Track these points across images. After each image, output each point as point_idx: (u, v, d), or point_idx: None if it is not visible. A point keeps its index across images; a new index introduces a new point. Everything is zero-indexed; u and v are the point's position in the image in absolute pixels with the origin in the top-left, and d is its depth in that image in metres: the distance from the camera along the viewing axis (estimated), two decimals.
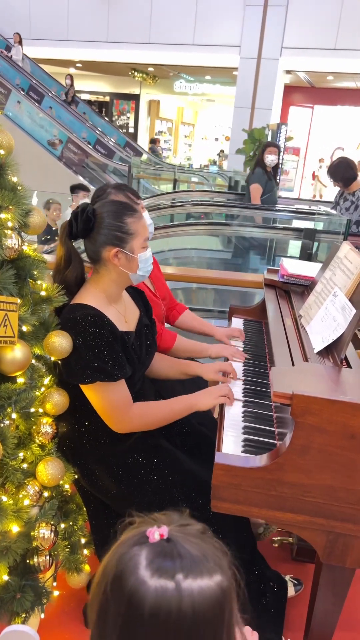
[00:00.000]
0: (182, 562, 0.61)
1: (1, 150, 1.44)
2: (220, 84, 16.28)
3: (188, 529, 0.67)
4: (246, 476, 1.26)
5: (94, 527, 1.66)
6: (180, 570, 0.60)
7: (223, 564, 0.64)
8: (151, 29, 12.34)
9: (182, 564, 0.61)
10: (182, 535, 0.65)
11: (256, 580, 1.63)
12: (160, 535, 0.64)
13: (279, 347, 1.65)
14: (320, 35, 10.66)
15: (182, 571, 0.60)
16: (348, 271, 1.64)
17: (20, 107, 10.79)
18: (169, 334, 1.98)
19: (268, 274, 2.31)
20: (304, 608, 1.54)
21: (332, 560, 1.31)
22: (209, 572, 0.62)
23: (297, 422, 1.22)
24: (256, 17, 10.88)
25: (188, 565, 0.61)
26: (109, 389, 1.51)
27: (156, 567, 0.61)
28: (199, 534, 0.67)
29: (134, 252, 1.54)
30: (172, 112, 19.68)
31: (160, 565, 0.61)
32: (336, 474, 1.23)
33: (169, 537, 0.64)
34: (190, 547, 0.63)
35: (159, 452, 1.60)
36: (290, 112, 14.02)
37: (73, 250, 1.61)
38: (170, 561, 0.61)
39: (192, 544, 0.64)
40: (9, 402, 1.40)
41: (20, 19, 13.46)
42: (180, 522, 0.68)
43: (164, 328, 2.00)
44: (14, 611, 1.43)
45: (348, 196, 4.37)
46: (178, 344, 1.98)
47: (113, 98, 18.80)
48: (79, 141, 10.73)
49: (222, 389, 1.64)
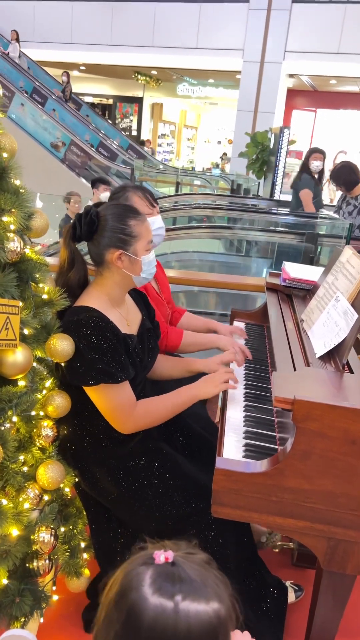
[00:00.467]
0: (183, 586, 0.66)
1: (4, 153, 1.44)
2: (223, 87, 16.31)
3: (193, 557, 0.72)
4: (247, 481, 1.26)
5: (93, 531, 1.66)
6: (180, 592, 0.65)
7: (222, 594, 0.69)
8: (155, 32, 12.38)
9: (182, 587, 0.66)
10: (187, 561, 0.70)
11: (256, 586, 1.62)
12: (166, 558, 0.69)
13: (281, 352, 1.65)
14: (324, 39, 10.67)
15: (181, 593, 0.65)
16: (350, 276, 1.63)
17: (24, 110, 10.83)
18: (175, 332, 1.97)
19: (270, 278, 2.31)
20: (305, 614, 1.53)
21: (333, 567, 1.30)
22: (207, 598, 0.66)
23: (299, 428, 1.21)
24: (259, 20, 10.91)
25: (188, 589, 0.66)
26: (113, 391, 1.51)
27: (158, 587, 0.66)
28: (203, 563, 0.72)
29: (138, 255, 1.55)
30: (175, 115, 19.71)
31: (162, 585, 0.66)
32: (337, 479, 1.22)
33: (173, 561, 0.69)
34: (192, 572, 0.68)
35: (159, 455, 1.59)
36: (293, 116, 14.03)
37: (76, 253, 1.61)
38: (171, 583, 0.66)
39: (195, 571, 0.68)
40: (10, 405, 1.40)
41: (24, 22, 13.50)
42: (187, 550, 0.73)
43: (170, 327, 1.99)
44: (13, 615, 1.42)
45: (351, 200, 4.37)
46: (185, 340, 1.97)
47: (116, 101, 18.84)
48: (82, 143, 10.76)
49: (224, 375, 1.61)
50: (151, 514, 1.54)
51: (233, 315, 2.39)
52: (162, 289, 2.13)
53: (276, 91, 11.50)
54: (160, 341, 1.94)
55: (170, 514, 1.53)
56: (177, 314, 2.18)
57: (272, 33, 10.83)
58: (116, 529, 1.61)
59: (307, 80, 12.89)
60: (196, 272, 4.67)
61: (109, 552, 1.61)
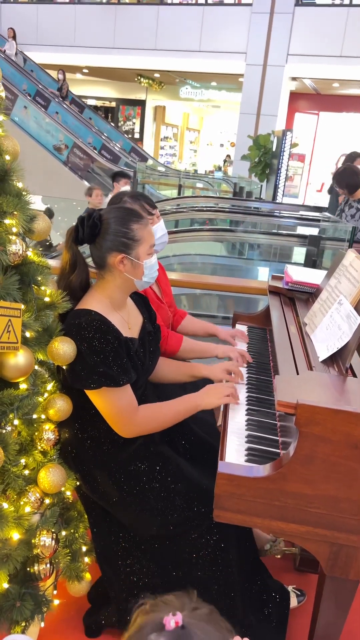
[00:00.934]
0: None
1: (7, 155, 1.44)
2: (226, 91, 16.33)
3: (198, 613, 0.74)
4: (249, 486, 1.25)
5: (95, 535, 1.65)
6: None
7: None
8: (157, 35, 12.41)
9: None
10: (194, 621, 0.72)
11: (258, 591, 1.61)
12: (176, 622, 0.70)
13: (283, 355, 1.64)
14: (326, 42, 10.69)
15: None
16: (353, 279, 1.63)
17: (27, 113, 10.85)
18: (174, 337, 1.97)
19: (272, 281, 2.30)
20: (307, 619, 1.52)
21: (336, 572, 1.29)
22: None
23: (302, 432, 1.20)
24: (262, 24, 10.94)
25: None
26: (115, 394, 1.50)
27: None
28: (208, 617, 0.75)
29: (140, 259, 1.54)
30: (178, 118, 19.74)
31: None
32: (340, 484, 1.22)
33: (183, 624, 0.70)
34: (201, 632, 0.71)
35: (161, 459, 1.59)
36: (295, 119, 14.03)
37: (79, 255, 1.61)
38: None
39: (203, 630, 0.71)
40: (11, 408, 1.40)
41: (27, 24, 13.56)
42: (192, 606, 0.75)
43: (170, 332, 1.99)
44: (14, 620, 1.41)
45: (353, 203, 4.36)
46: (185, 346, 1.97)
47: (119, 104, 18.89)
48: (85, 146, 10.78)
49: (227, 388, 1.62)
50: (153, 517, 1.54)
51: (235, 318, 2.38)
52: (164, 292, 2.12)
53: (279, 94, 11.52)
54: (160, 345, 1.94)
55: (172, 518, 1.53)
56: (179, 317, 2.18)
57: (274, 36, 10.85)
58: (117, 533, 1.60)
59: (309, 83, 12.90)
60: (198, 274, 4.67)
61: (111, 556, 1.61)
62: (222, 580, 1.51)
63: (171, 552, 1.54)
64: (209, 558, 1.51)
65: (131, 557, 1.58)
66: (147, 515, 1.54)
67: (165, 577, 1.54)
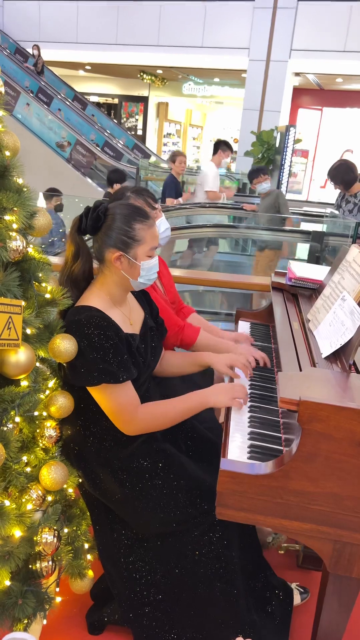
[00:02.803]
0: None
1: (6, 151, 1.43)
2: (228, 86, 16.26)
3: None
4: (251, 483, 1.24)
5: (97, 532, 1.65)
6: None
7: None
8: (160, 31, 12.36)
9: None
10: None
11: (261, 588, 1.61)
12: None
13: (286, 352, 1.63)
14: (330, 37, 10.62)
15: None
16: (357, 275, 1.61)
17: (29, 110, 10.84)
18: (191, 328, 1.95)
19: (275, 277, 2.29)
20: (310, 617, 1.52)
21: (339, 570, 1.28)
22: None
23: (304, 429, 1.19)
24: (265, 19, 10.86)
25: None
26: (116, 390, 1.49)
27: None
28: None
29: (137, 259, 1.53)
30: (181, 114, 19.68)
31: None
32: (343, 482, 1.20)
33: None
34: None
35: (164, 456, 1.58)
36: (299, 115, 13.97)
37: (82, 244, 1.61)
38: None
39: None
40: (13, 405, 1.39)
41: (30, 21, 13.54)
42: None
43: (186, 322, 1.98)
44: (16, 617, 1.41)
45: (350, 198, 4.34)
46: (200, 339, 1.95)
47: (122, 100, 18.83)
48: (88, 143, 10.77)
49: (240, 391, 1.57)
50: (155, 515, 1.53)
51: (238, 314, 2.37)
52: (167, 289, 2.11)
53: (282, 90, 11.45)
54: (175, 336, 1.92)
55: (175, 515, 1.52)
56: (183, 314, 2.16)
57: (277, 31, 10.78)
58: (120, 530, 1.60)
59: (313, 78, 12.83)
60: (201, 271, 4.66)
61: (113, 553, 1.60)
62: (225, 577, 1.50)
63: (174, 549, 1.53)
64: (212, 555, 1.50)
65: (134, 554, 1.57)
66: (150, 513, 1.54)
67: (167, 575, 1.53)
